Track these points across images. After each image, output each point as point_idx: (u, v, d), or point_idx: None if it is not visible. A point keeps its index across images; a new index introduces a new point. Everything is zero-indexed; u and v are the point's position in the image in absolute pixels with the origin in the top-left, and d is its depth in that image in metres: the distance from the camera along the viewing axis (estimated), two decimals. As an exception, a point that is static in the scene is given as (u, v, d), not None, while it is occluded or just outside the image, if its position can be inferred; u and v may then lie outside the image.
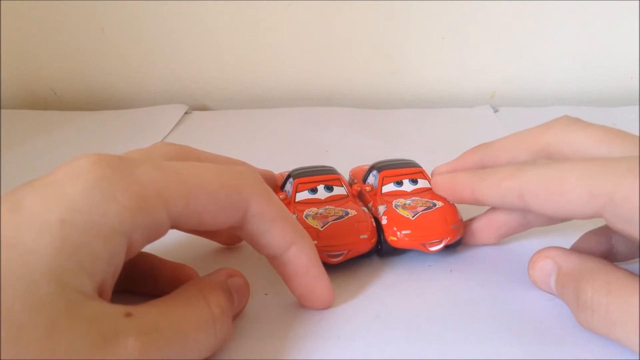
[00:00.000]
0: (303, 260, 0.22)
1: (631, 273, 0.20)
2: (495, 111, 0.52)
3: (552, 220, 0.27)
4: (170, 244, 0.29)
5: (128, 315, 0.17)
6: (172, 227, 0.19)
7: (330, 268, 0.25)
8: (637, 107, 0.52)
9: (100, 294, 0.17)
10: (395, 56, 0.56)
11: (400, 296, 0.25)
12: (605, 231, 0.26)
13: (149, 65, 0.57)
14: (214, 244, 0.29)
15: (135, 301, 0.18)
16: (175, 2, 0.54)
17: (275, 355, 0.21)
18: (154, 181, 0.18)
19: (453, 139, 0.45)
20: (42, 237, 0.16)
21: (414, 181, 0.29)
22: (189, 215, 0.19)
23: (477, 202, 0.25)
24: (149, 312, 0.18)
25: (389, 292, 0.25)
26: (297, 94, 0.58)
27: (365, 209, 0.28)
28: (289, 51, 0.56)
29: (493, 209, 0.28)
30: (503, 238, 0.28)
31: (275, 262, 0.22)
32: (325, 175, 0.29)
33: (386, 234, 0.26)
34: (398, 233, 0.26)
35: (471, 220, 0.29)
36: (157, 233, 0.19)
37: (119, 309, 0.17)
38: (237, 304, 0.22)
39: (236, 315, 0.23)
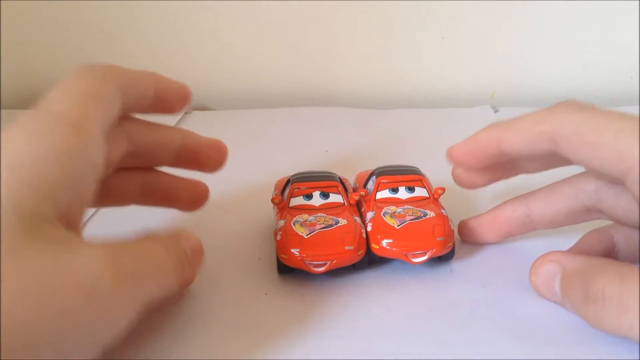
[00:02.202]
0: None
1: None
2: (495, 111, 0.52)
3: (555, 223, 0.27)
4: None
5: (94, 245, 0.17)
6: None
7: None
8: (637, 107, 0.52)
9: (69, 222, 0.18)
10: (395, 56, 0.56)
11: (400, 296, 0.25)
12: (607, 231, 0.25)
13: (149, 65, 0.57)
14: (212, 240, 0.29)
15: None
16: (175, 2, 0.54)
17: (276, 355, 0.21)
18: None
19: (453, 139, 0.45)
20: None
21: (411, 189, 0.28)
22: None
23: (500, 156, 0.24)
24: (114, 247, 0.18)
25: (389, 292, 0.25)
26: (297, 94, 0.57)
27: (357, 219, 0.27)
28: (289, 51, 0.56)
29: (496, 208, 0.28)
30: (505, 237, 0.28)
31: None
32: (322, 181, 0.28)
33: (370, 242, 0.26)
34: (381, 242, 0.25)
35: (472, 218, 0.28)
36: (114, 113, 0.21)
37: (81, 238, 0.18)
38: (192, 263, 0.22)
39: (190, 281, 0.23)
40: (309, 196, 0.28)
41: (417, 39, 0.55)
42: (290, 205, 0.28)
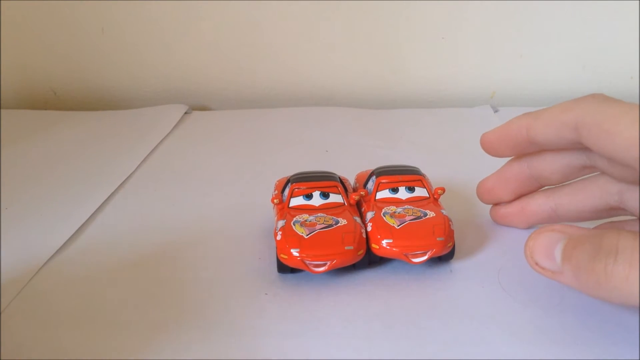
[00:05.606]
0: None
1: None
2: (495, 111, 0.52)
3: (581, 218, 0.27)
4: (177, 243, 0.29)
5: None
6: None
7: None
8: (637, 107, 0.52)
9: None
10: (395, 56, 0.56)
11: (400, 296, 0.25)
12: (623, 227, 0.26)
13: (149, 65, 0.57)
14: (213, 240, 0.29)
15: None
16: (175, 2, 0.54)
17: (275, 354, 0.21)
18: None
19: (453, 139, 0.45)
20: None
21: (411, 189, 0.28)
22: None
23: (529, 145, 0.25)
24: None
25: (389, 292, 0.25)
26: (297, 94, 0.57)
27: (357, 219, 0.27)
28: (289, 51, 0.56)
29: (524, 198, 0.29)
30: (533, 226, 0.29)
31: None
32: (322, 181, 0.28)
33: (370, 242, 0.26)
34: (381, 242, 0.25)
35: (502, 205, 0.30)
36: None
37: None
38: None
39: None
40: (309, 196, 0.28)
41: (417, 39, 0.55)
42: (290, 205, 0.28)
